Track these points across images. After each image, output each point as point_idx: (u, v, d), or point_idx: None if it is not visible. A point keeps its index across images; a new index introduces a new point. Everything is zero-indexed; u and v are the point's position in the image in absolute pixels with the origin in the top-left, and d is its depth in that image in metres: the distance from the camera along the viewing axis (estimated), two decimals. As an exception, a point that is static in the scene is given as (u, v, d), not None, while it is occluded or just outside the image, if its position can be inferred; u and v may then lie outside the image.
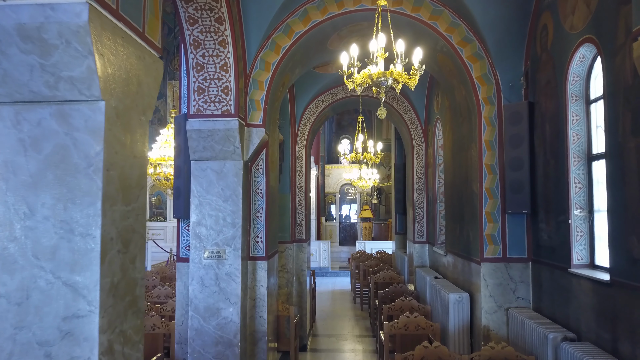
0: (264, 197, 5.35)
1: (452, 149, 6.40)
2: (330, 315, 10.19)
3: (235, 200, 5.02)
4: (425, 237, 8.28)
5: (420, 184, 8.32)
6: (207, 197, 5.03)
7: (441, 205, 7.65)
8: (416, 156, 8.34)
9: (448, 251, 6.66)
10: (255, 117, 5.21)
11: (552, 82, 4.46)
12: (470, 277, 5.48)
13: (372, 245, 16.22)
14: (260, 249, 5.32)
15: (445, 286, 5.93)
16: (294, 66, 5.82)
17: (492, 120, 5.15)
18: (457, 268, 6.16)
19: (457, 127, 6.06)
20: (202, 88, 4.93)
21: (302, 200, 8.23)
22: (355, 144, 7.80)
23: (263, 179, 5.37)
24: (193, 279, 5.01)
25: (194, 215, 5.04)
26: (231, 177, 5.04)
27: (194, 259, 5.01)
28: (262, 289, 5.32)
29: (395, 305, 6.17)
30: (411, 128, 8.32)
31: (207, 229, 5.02)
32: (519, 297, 4.98)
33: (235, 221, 5.01)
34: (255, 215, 5.34)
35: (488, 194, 5.10)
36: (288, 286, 7.92)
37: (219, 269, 4.99)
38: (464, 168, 5.75)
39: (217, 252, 5.01)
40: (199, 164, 5.05)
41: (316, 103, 8.28)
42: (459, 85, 5.59)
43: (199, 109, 4.95)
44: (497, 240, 5.05)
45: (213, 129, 4.93)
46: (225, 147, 4.99)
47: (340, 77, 8.30)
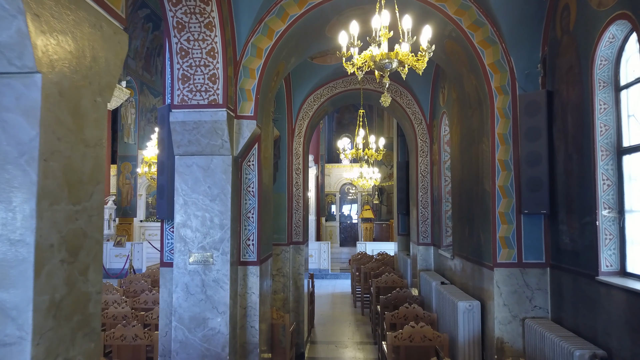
0: (255, 195, 4.89)
1: (460, 144, 5.94)
2: (330, 320, 9.75)
3: (224, 199, 4.56)
4: (430, 239, 7.82)
5: (424, 183, 7.85)
6: (192, 196, 4.58)
7: (447, 205, 7.18)
8: (420, 153, 7.88)
9: (455, 254, 6.19)
10: (245, 108, 4.75)
11: (575, 68, 4.00)
12: (481, 284, 5.02)
13: (373, 246, 15.77)
14: (252, 253, 4.86)
15: (453, 293, 5.47)
16: (289, 54, 5.36)
17: (505, 111, 4.69)
18: (465, 273, 5.70)
19: (466, 120, 5.59)
20: (186, 76, 4.47)
21: (299, 199, 7.77)
22: (356, 139, 7.33)
23: (255, 176, 4.91)
24: (177, 286, 4.55)
25: (178, 215, 4.58)
26: (219, 174, 4.58)
27: (178, 264, 4.55)
28: (253, 296, 4.85)
29: (399, 313, 5.72)
30: (415, 123, 7.85)
31: (193, 231, 4.56)
32: (536, 307, 4.52)
33: (223, 222, 4.55)
34: (247, 215, 4.88)
35: (502, 193, 4.64)
36: (284, 291, 7.46)
37: (205, 275, 4.53)
38: (474, 164, 5.29)
39: (203, 256, 4.56)
40: (184, 160, 4.60)
41: (314, 97, 7.82)
42: (469, 74, 5.13)
43: (183, 98, 4.50)
44: (511, 244, 4.59)
45: (199, 121, 4.47)
46: (213, 141, 4.54)
47: (340, 70, 7.87)
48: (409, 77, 7.54)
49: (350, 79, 7.89)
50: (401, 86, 7.79)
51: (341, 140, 7.91)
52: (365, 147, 7.63)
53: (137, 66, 19.86)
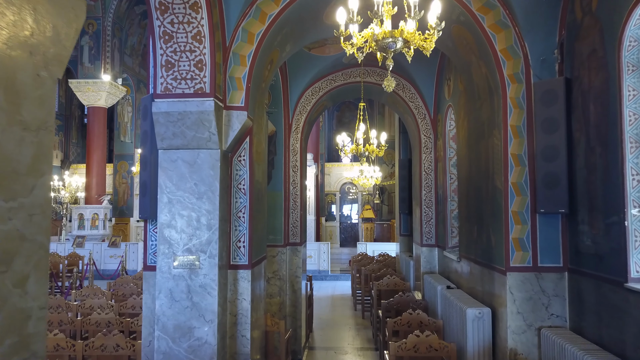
0: (247, 193, 4.51)
1: (467, 139, 5.55)
2: (329, 324, 9.37)
3: (212, 197, 4.18)
4: (434, 240, 7.42)
5: (428, 181, 7.46)
6: (177, 193, 4.20)
7: (453, 204, 6.79)
8: (424, 149, 7.49)
9: (462, 257, 5.80)
10: (235, 98, 4.37)
11: (598, 51, 3.61)
12: (491, 289, 4.63)
13: (374, 247, 15.39)
14: (243, 256, 4.47)
15: (461, 298, 5.08)
16: (284, 41, 4.98)
17: (519, 101, 4.30)
18: (474, 277, 5.31)
19: (475, 113, 5.20)
20: (170, 62, 4.09)
21: (296, 198, 7.39)
22: (356, 134, 6.94)
23: (246, 172, 4.52)
24: (160, 292, 4.17)
25: (161, 215, 4.20)
26: (206, 170, 4.20)
27: (161, 268, 4.17)
28: (244, 302, 4.47)
29: (402, 320, 5.34)
30: (418, 118, 7.46)
31: (178, 231, 4.18)
32: (553, 315, 4.13)
33: (211, 223, 4.17)
34: (237, 215, 4.49)
35: (515, 190, 4.24)
36: (281, 295, 7.07)
37: (191, 280, 4.15)
38: (483, 160, 4.90)
39: (189, 259, 4.17)
40: (168, 154, 4.21)
41: (312, 90, 7.43)
42: (478, 62, 4.74)
43: (167, 87, 4.11)
44: (526, 246, 4.20)
45: (184, 112, 4.09)
46: (199, 134, 4.15)
47: (339, 61, 7.49)
48: (412, 69, 7.16)
49: (350, 71, 7.50)
50: (404, 79, 7.40)
51: (340, 135, 7.50)
52: (365, 143, 7.24)
53: (133, 63, 19.50)
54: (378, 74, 7.49)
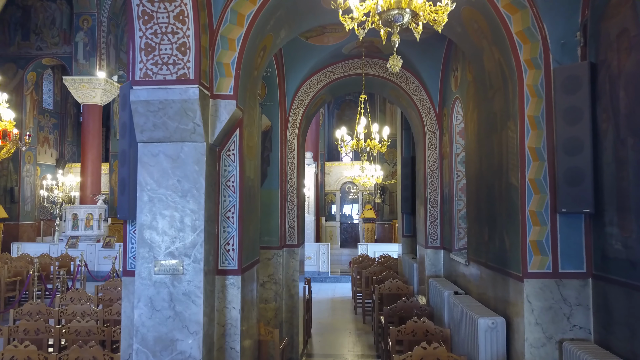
0: (236, 191, 4.10)
1: (477, 133, 5.13)
2: (329, 329, 8.96)
3: (197, 195, 3.77)
4: (440, 242, 7.01)
5: (433, 179, 7.04)
6: (159, 191, 3.78)
7: (460, 203, 6.38)
8: (429, 146, 7.07)
9: (471, 260, 5.39)
10: (223, 86, 3.96)
11: (630, 30, 3.19)
12: (506, 296, 4.21)
13: (376, 247, 14.98)
14: (232, 260, 4.06)
15: (471, 306, 4.66)
16: (278, 25, 4.56)
17: (537, 89, 3.88)
18: (484, 282, 4.89)
19: (486, 104, 4.79)
20: (150, 45, 3.67)
21: (293, 197, 6.98)
22: (357, 128, 6.51)
23: (235, 167, 4.11)
24: (140, 300, 3.75)
25: (141, 215, 3.79)
26: (191, 165, 3.79)
27: (141, 274, 3.76)
28: (233, 311, 4.06)
29: (406, 329, 4.94)
30: (423, 113, 7.04)
31: (159, 233, 3.77)
32: (575, 326, 3.71)
33: (196, 224, 3.76)
34: (225, 215, 4.08)
35: (533, 188, 3.83)
36: (276, 300, 6.66)
37: (174, 287, 3.73)
38: (496, 155, 4.49)
39: (171, 264, 3.76)
40: (149, 148, 3.80)
41: (310, 83, 7.02)
42: (491, 48, 4.32)
43: (146, 73, 3.70)
44: (545, 249, 3.78)
45: (165, 100, 3.68)
46: (183, 125, 3.74)
47: (339, 52, 7.07)
48: (416, 61, 6.74)
49: (351, 63, 7.09)
50: (407, 71, 6.99)
51: (340, 130, 7.09)
52: (367, 138, 6.82)
53: (130, 60, 19.08)
54: (380, 66, 7.08)
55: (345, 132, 7.07)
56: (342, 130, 6.99)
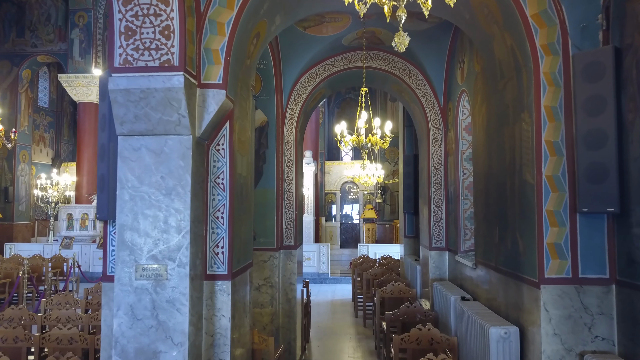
0: (226, 189, 3.77)
1: (486, 127, 4.80)
2: (328, 333, 8.63)
3: (182, 193, 3.44)
4: (445, 243, 6.67)
5: (438, 177, 6.71)
6: (140, 189, 3.45)
7: (466, 202, 6.04)
8: (433, 142, 6.73)
9: (479, 263, 5.05)
10: (212, 74, 3.63)
11: (662, 9, 2.86)
12: (519, 303, 3.87)
13: (376, 248, 14.65)
14: (221, 264, 3.73)
15: (481, 313, 4.33)
16: (272, 10, 4.23)
17: (555, 77, 3.55)
18: (494, 287, 4.56)
19: (496, 95, 4.45)
20: (131, 28, 3.34)
21: (291, 196, 6.65)
22: (357, 122, 6.17)
23: (225, 163, 3.78)
24: (119, 309, 3.42)
25: (121, 215, 3.46)
26: (176, 160, 3.46)
27: (121, 279, 3.43)
28: (223, 320, 3.73)
29: (410, 337, 4.61)
30: (426, 107, 6.71)
31: (141, 235, 3.44)
32: (598, 337, 3.38)
33: (181, 224, 3.43)
34: (214, 215, 3.75)
35: (550, 185, 3.50)
36: (273, 304, 6.33)
37: (157, 294, 3.41)
38: (508, 150, 4.15)
39: (154, 268, 3.43)
40: (130, 141, 3.47)
41: (308, 76, 6.69)
42: (503, 34, 3.99)
43: (127, 59, 3.37)
44: (564, 253, 3.45)
45: (147, 89, 3.35)
46: (166, 116, 3.41)
47: (338, 43, 6.73)
48: (420, 53, 6.41)
49: (351, 55, 6.75)
50: (410, 63, 6.65)
51: (339, 125, 6.75)
52: (368, 134, 6.49)
53: (126, 58, 18.76)
54: (382, 59, 6.74)
55: (345, 126, 6.73)
56: (341, 125, 6.66)
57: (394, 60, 6.68)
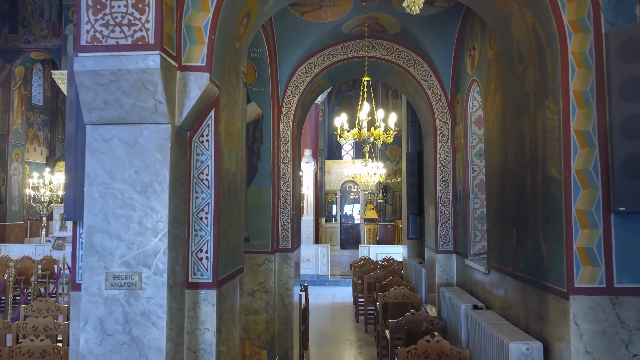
0: (211, 186, 3.33)
1: (501, 118, 4.36)
2: (328, 339, 8.20)
3: (159, 190, 3.00)
4: (452, 245, 6.23)
5: (445, 175, 6.26)
6: (112, 185, 3.02)
7: (476, 202, 5.60)
8: (440, 138, 6.29)
9: (492, 268, 4.61)
10: (194, 56, 3.19)
11: None
12: (542, 315, 3.43)
13: (378, 250, 14.21)
14: (205, 271, 3.29)
15: (497, 325, 3.89)
16: (265, -13, 3.80)
17: (585, 57, 3.11)
18: (511, 295, 4.12)
19: (514, 82, 4.01)
20: (100, 1, 2.91)
21: (287, 195, 6.21)
22: (359, 114, 5.72)
23: (210, 157, 3.35)
24: (87, 322, 2.99)
25: (90, 215, 3.02)
26: (152, 153, 3.02)
27: (88, 288, 2.99)
28: (207, 334, 3.29)
29: (418, 349, 4.19)
30: (433, 100, 6.27)
31: (112, 238, 3.00)
32: (636, 356, 2.94)
33: (158, 226, 2.99)
34: (197, 215, 3.31)
35: (580, 181, 3.06)
36: (268, 311, 5.90)
37: (130, 306, 2.97)
38: (527, 142, 3.71)
39: (127, 276, 2.99)
40: (99, 131, 3.04)
41: (306, 67, 6.25)
42: (522, 12, 3.55)
43: (95, 36, 2.93)
44: (596, 259, 3.01)
45: (118, 70, 2.91)
46: (141, 102, 2.97)
47: (338, 30, 6.28)
48: (426, 41, 5.97)
49: (352, 44, 6.31)
50: (415, 53, 6.21)
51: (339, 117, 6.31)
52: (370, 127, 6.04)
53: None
54: (385, 48, 6.30)
55: (346, 119, 6.29)
56: (342, 118, 6.22)
57: (397, 49, 6.25)
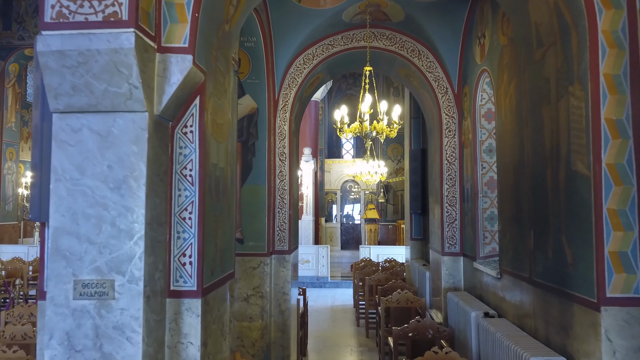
0: (195, 183, 2.97)
1: (516, 109, 4.00)
2: (328, 345, 7.85)
3: (135, 187, 2.64)
4: (459, 247, 5.87)
5: (451, 172, 5.91)
6: (81, 181, 2.66)
7: (485, 201, 5.25)
8: (446, 133, 5.93)
9: (506, 272, 4.25)
10: (175, 36, 2.83)
11: None
12: (566, 327, 3.08)
13: (379, 250, 13.84)
14: (189, 277, 2.93)
15: (513, 336, 3.53)
16: (257, -37, 3.44)
17: (617, 36, 2.75)
18: (527, 302, 3.76)
19: (531, 69, 3.65)
20: (66, -28, 2.55)
21: (284, 194, 5.86)
22: (360, 106, 5.35)
23: (194, 150, 2.99)
24: (52, 337, 2.63)
25: (57, 215, 2.66)
26: (127, 145, 2.66)
27: (54, 298, 2.63)
28: (191, 348, 2.93)
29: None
30: (438, 93, 5.91)
31: (81, 241, 2.64)
32: (677, 376, 2.58)
33: (133, 227, 2.63)
34: (180, 215, 2.96)
35: (613, 176, 2.70)
36: (263, 317, 5.54)
37: (101, 318, 2.61)
38: (547, 134, 3.35)
39: (98, 284, 2.63)
40: (67, 120, 2.68)
41: (304, 58, 5.89)
42: (543, -12, 3.19)
43: (61, 12, 2.57)
44: (631, 265, 2.65)
45: (88, 51, 2.55)
46: (114, 87, 2.61)
47: (338, 18, 5.91)
48: (431, 30, 5.61)
49: (353, 34, 5.96)
50: (419, 43, 5.85)
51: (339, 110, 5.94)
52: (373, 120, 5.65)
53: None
54: (388, 37, 5.94)
55: (346, 112, 5.92)
56: (342, 110, 5.85)
57: (401, 39, 5.89)
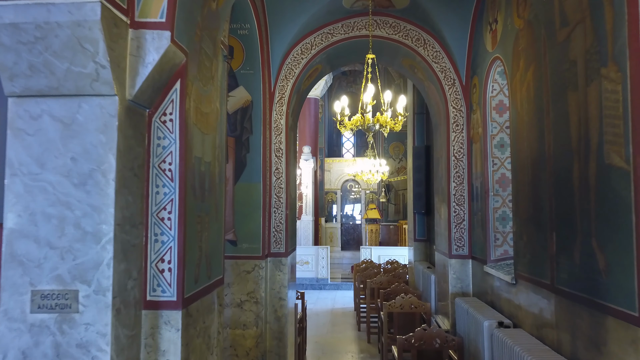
0: (175, 178, 2.60)
1: (535, 97, 3.63)
2: (327, 351, 7.50)
3: (102, 183, 2.28)
4: (468, 250, 5.50)
5: (459, 169, 5.54)
6: (41, 176, 2.29)
7: (497, 199, 4.88)
8: (453, 127, 5.56)
9: (522, 278, 3.88)
10: (151, 9, 2.46)
11: None
12: (598, 343, 2.71)
13: (380, 251, 13.49)
14: (168, 286, 2.57)
15: (534, 350, 3.16)
16: None
17: (661, 8, 2.38)
18: (549, 312, 3.39)
19: (553, 52, 3.28)
20: None
21: (281, 193, 5.49)
22: (362, 97, 4.98)
23: (174, 141, 2.62)
24: (6, 357, 2.27)
25: (11, 215, 2.30)
26: (93, 134, 2.30)
27: (9, 311, 2.27)
28: (170, 367, 2.56)
29: (434, 378, 3.46)
30: (445, 85, 5.54)
31: (40, 245, 2.28)
32: None
33: (101, 229, 2.27)
34: (158, 216, 2.59)
35: (656, 170, 2.33)
36: (258, 324, 5.17)
37: (63, 335, 2.25)
38: (574, 124, 2.98)
39: (59, 295, 2.27)
40: (25, 105, 2.32)
41: (302, 48, 5.53)
42: (569, -41, 2.82)
43: (15, -22, 2.21)
44: (679, 273, 2.28)
45: (46, 24, 2.19)
46: (77, 66, 2.25)
47: (338, 5, 5.52)
48: (437, 18, 5.24)
49: (354, 22, 5.59)
50: (425, 31, 5.49)
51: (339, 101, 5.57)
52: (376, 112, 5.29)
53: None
54: (391, 26, 5.58)
55: (347, 103, 5.55)
56: (342, 101, 5.49)
57: (405, 27, 5.53)
